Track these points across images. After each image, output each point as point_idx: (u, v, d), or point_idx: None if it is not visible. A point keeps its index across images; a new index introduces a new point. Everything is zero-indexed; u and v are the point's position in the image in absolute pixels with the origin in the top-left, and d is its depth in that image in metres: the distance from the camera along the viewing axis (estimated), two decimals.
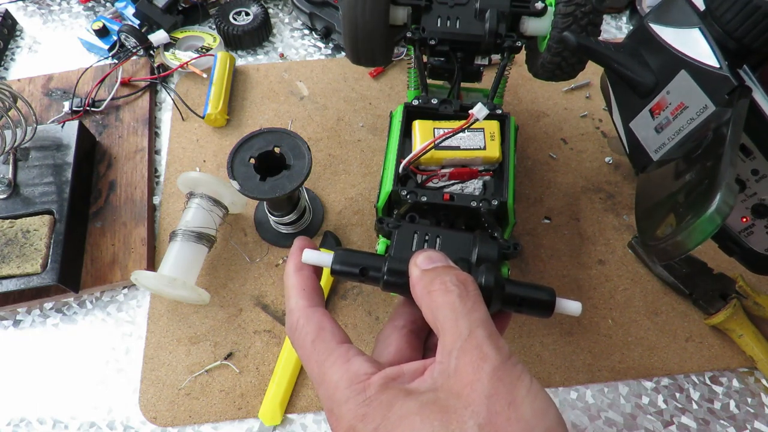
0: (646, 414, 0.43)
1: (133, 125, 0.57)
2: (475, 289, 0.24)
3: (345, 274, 0.28)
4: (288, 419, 0.42)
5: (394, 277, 0.27)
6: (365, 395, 0.22)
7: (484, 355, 0.21)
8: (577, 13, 0.36)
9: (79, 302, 0.47)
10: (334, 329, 0.26)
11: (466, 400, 0.21)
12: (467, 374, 0.21)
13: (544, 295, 0.27)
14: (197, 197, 0.47)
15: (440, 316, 0.24)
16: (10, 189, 0.48)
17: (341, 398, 0.23)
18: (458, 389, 0.21)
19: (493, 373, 0.21)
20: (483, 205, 0.33)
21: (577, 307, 0.27)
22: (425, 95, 0.38)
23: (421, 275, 0.26)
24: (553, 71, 0.40)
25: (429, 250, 0.27)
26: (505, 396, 0.21)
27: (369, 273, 0.27)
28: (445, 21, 0.39)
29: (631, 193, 0.53)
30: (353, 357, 0.24)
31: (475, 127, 0.36)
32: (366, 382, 0.23)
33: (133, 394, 0.43)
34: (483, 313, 0.23)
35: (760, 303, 0.44)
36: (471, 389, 0.21)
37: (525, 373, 0.22)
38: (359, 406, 0.22)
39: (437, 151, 0.35)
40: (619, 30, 0.68)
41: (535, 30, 0.39)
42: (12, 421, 0.42)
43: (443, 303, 0.24)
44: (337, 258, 0.28)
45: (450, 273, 0.25)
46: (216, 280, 0.48)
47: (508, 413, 0.20)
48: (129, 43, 0.61)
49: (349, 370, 0.23)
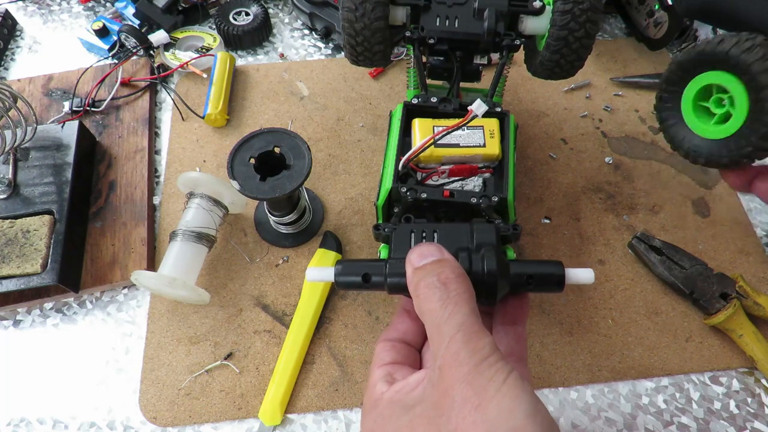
0: (646, 414, 0.43)
1: (133, 125, 0.57)
2: (457, 288, 0.24)
3: (349, 284, 0.28)
4: (288, 419, 0.42)
5: (396, 279, 0.27)
6: (376, 412, 0.25)
7: (460, 361, 0.22)
8: (576, 10, 0.36)
9: (79, 302, 0.47)
10: (383, 355, 0.29)
11: (441, 409, 0.22)
12: (445, 382, 0.22)
13: (552, 269, 0.26)
14: (197, 197, 0.47)
15: (426, 323, 0.24)
16: (10, 189, 0.48)
17: (365, 412, 0.27)
18: (437, 398, 0.22)
19: (465, 378, 0.21)
20: (483, 202, 0.33)
21: (588, 274, 0.26)
22: (425, 94, 0.38)
23: (413, 274, 0.26)
24: (552, 69, 0.40)
25: (422, 245, 0.27)
26: (473, 400, 0.21)
27: (372, 279, 0.28)
28: (444, 20, 0.39)
29: (632, 193, 0.53)
30: (378, 381, 0.27)
31: (474, 124, 0.37)
32: (379, 400, 0.26)
33: (133, 394, 0.43)
34: (463, 315, 0.23)
35: (760, 303, 0.44)
36: (446, 397, 0.21)
37: (501, 372, 0.21)
38: (369, 422, 0.26)
39: (437, 149, 0.35)
40: (621, 30, 0.68)
41: (533, 29, 0.40)
42: (12, 421, 0.42)
43: (426, 310, 0.24)
44: (338, 270, 0.28)
45: (435, 271, 0.25)
46: (216, 280, 0.48)
47: (474, 417, 0.20)
48: (129, 43, 0.61)
49: (374, 392, 0.27)
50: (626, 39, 0.67)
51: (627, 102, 0.60)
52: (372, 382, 0.28)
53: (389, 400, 0.25)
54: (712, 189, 0.54)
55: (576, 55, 0.38)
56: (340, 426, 0.42)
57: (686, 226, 0.52)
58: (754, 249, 0.50)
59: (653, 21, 0.62)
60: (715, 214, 0.52)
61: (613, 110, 0.60)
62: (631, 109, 0.60)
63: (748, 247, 0.50)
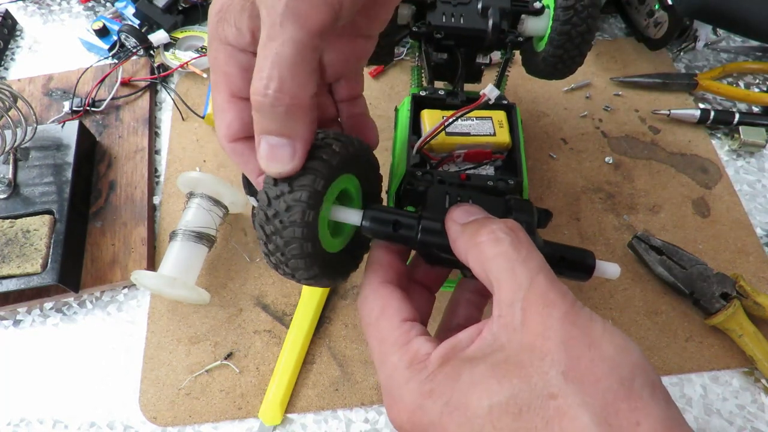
0: None
1: (133, 125, 0.57)
2: (526, 236, 0.23)
3: (376, 232, 0.25)
4: (288, 419, 0.42)
5: (429, 236, 0.25)
6: (427, 372, 0.21)
7: (551, 302, 0.20)
8: (578, 6, 0.37)
9: (79, 302, 0.47)
10: (401, 306, 0.24)
11: (542, 351, 0.19)
12: (536, 324, 0.20)
13: (585, 256, 0.26)
14: (197, 197, 0.47)
15: (494, 268, 0.22)
16: (10, 189, 0.48)
17: (401, 379, 0.21)
18: (529, 341, 0.20)
19: (564, 318, 0.20)
20: (500, 185, 0.33)
21: (615, 269, 0.26)
22: (431, 87, 0.39)
23: (462, 229, 0.24)
24: (554, 65, 0.41)
25: (465, 204, 0.25)
26: (583, 339, 0.19)
27: (401, 230, 0.25)
28: (450, 17, 0.40)
29: (632, 193, 0.53)
30: (414, 337, 0.22)
31: (483, 115, 0.38)
32: (426, 361, 0.21)
33: (133, 394, 0.43)
34: (540, 260, 0.22)
35: (760, 303, 0.44)
36: (544, 338, 0.19)
37: (595, 315, 0.21)
38: (423, 384, 0.21)
39: (448, 137, 0.36)
40: (621, 30, 0.68)
41: (533, 30, 0.41)
42: (12, 421, 0.42)
43: (496, 254, 0.22)
44: (367, 215, 0.25)
45: (497, 222, 0.23)
46: (216, 280, 0.48)
47: (591, 354, 0.19)
48: (129, 43, 0.61)
49: (409, 351, 0.22)
50: (626, 39, 0.67)
51: (627, 102, 0.60)
52: (398, 341, 0.22)
53: (443, 357, 0.21)
54: (712, 189, 0.54)
55: (578, 50, 0.40)
56: (340, 426, 0.42)
57: (686, 226, 0.52)
58: (754, 249, 0.50)
59: (653, 21, 0.62)
60: (715, 214, 0.52)
61: (613, 110, 0.60)
62: (631, 109, 0.60)
63: (748, 247, 0.50)
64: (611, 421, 0.18)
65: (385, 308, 0.24)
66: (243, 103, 0.24)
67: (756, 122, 0.57)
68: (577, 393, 0.18)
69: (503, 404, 0.19)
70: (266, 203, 0.22)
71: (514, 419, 0.19)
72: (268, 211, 0.22)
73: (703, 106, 0.60)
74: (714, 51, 0.66)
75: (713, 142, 0.57)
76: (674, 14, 0.58)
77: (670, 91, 0.61)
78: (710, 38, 0.65)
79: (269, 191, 0.22)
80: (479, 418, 0.19)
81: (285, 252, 0.23)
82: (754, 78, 0.63)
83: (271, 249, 0.23)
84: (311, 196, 0.22)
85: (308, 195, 0.22)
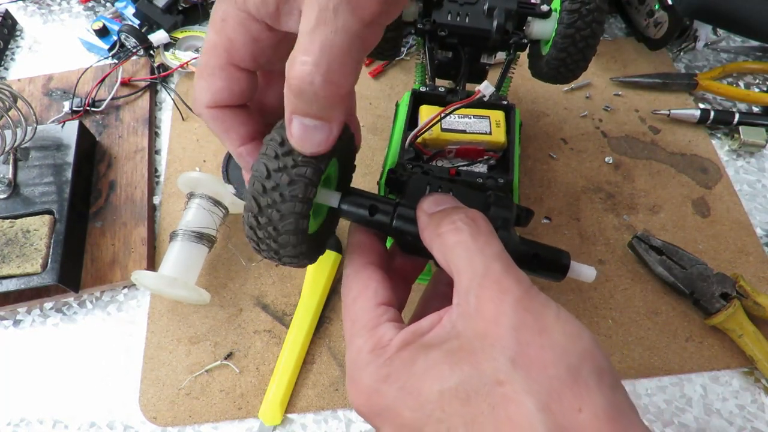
0: (646, 414, 0.43)
1: (133, 125, 0.57)
2: (487, 225, 0.23)
3: (353, 215, 0.26)
4: (288, 419, 0.42)
5: (403, 223, 0.25)
6: (386, 356, 0.21)
7: (504, 288, 0.20)
8: (583, 10, 0.37)
9: (79, 302, 0.47)
10: (378, 289, 0.24)
11: (493, 337, 0.20)
12: (489, 311, 0.20)
13: (559, 255, 0.26)
14: (197, 197, 0.47)
15: (453, 257, 0.22)
16: (10, 189, 0.48)
17: (362, 362, 0.22)
18: (482, 328, 0.20)
19: (517, 304, 0.20)
20: (489, 182, 0.33)
21: (590, 272, 0.25)
22: (432, 84, 0.39)
23: (429, 219, 0.24)
24: (558, 68, 0.41)
25: (436, 194, 0.25)
26: (533, 325, 0.19)
27: (377, 215, 0.25)
28: (456, 16, 0.40)
29: (632, 192, 0.53)
30: (384, 323, 0.23)
31: (481, 114, 0.38)
32: (387, 346, 0.22)
33: (133, 394, 0.43)
34: (498, 248, 0.22)
35: (760, 303, 0.44)
36: (496, 325, 0.20)
37: (550, 301, 0.20)
38: (381, 368, 0.21)
39: (443, 133, 0.36)
40: (621, 30, 0.68)
41: (539, 32, 0.41)
42: (12, 421, 0.42)
43: (455, 243, 0.22)
44: (346, 198, 0.26)
45: (459, 212, 0.23)
46: (216, 280, 0.48)
47: (540, 341, 0.19)
48: (129, 43, 0.61)
49: (375, 335, 0.22)
50: (626, 39, 0.67)
51: (627, 102, 0.60)
52: (368, 324, 0.23)
53: (402, 342, 0.21)
54: (712, 189, 0.54)
55: (581, 55, 0.40)
56: (340, 426, 0.42)
57: (686, 226, 0.52)
58: (754, 249, 0.50)
59: (653, 21, 0.62)
60: (715, 214, 0.52)
61: (613, 110, 0.60)
62: (631, 109, 0.60)
63: (748, 247, 0.50)
64: (554, 408, 0.18)
65: (363, 290, 0.24)
66: (240, 73, 0.23)
67: (756, 122, 0.57)
68: (524, 379, 0.18)
69: (453, 390, 0.19)
70: (265, 175, 0.22)
71: (462, 405, 0.19)
72: (267, 183, 0.22)
73: (703, 106, 0.60)
74: (714, 51, 0.66)
75: (713, 142, 0.57)
76: (674, 14, 0.58)
77: (670, 91, 0.61)
78: (710, 38, 0.65)
79: (269, 163, 0.22)
80: (430, 403, 0.19)
81: (279, 227, 0.22)
82: (754, 78, 0.63)
83: (262, 222, 0.23)
84: (315, 173, 0.22)
85: (312, 171, 0.22)
